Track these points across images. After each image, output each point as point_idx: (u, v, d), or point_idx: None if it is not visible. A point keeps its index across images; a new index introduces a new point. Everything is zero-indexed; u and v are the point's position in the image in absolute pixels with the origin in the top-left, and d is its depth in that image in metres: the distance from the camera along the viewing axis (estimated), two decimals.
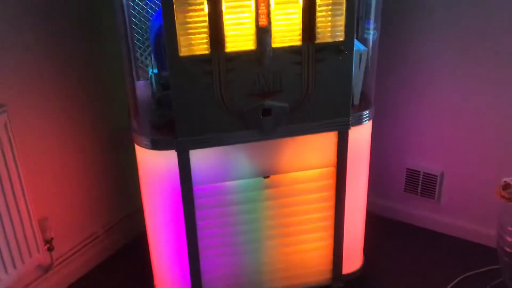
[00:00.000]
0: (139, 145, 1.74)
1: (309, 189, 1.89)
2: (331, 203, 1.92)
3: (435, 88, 2.27)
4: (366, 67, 1.85)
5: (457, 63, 2.19)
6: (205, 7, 1.51)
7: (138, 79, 2.01)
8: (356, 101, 1.86)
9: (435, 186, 2.41)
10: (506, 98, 2.14)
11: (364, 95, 1.89)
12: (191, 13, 1.52)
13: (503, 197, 1.92)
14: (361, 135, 1.89)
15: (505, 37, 2.06)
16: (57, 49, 1.98)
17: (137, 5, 1.93)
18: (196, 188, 1.76)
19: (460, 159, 2.33)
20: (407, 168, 2.46)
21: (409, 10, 2.19)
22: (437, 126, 2.33)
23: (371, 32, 1.87)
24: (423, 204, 2.48)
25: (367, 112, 1.85)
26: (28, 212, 1.88)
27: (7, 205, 1.80)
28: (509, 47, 2.06)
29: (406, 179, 2.48)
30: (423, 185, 2.44)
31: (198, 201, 1.79)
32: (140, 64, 2.03)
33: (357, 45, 1.82)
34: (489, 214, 2.25)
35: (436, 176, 2.39)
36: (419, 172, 2.43)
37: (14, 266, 1.87)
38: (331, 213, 1.94)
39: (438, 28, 2.17)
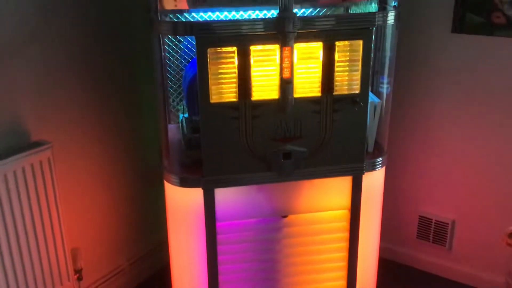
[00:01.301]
0: (169, 182, 1.89)
1: (325, 230, 1.99)
2: (345, 244, 2.02)
3: (446, 140, 2.39)
4: (380, 117, 1.97)
5: (466, 116, 2.31)
6: (235, 60, 1.69)
7: (169, 123, 2.18)
8: (370, 148, 1.99)
9: (447, 234, 2.49)
10: None
11: (377, 144, 2.02)
12: (223, 65, 1.69)
13: (509, 244, 2.00)
14: (374, 181, 2.00)
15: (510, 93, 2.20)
16: (98, 95, 2.18)
17: (172, 56, 2.12)
18: (219, 224, 1.89)
19: (471, 208, 2.42)
20: (420, 215, 2.55)
21: (420, 66, 2.36)
22: (448, 176, 2.44)
23: (385, 86, 2.01)
24: (435, 251, 2.56)
25: (380, 159, 1.97)
26: (63, 242, 2.01)
27: (44, 234, 1.94)
28: None
29: (418, 226, 2.57)
30: (435, 232, 2.53)
31: (220, 237, 1.90)
32: (171, 109, 2.21)
33: (372, 98, 1.96)
34: (499, 262, 2.32)
35: (448, 224, 2.48)
36: (431, 219, 2.52)
37: None
38: (345, 254, 2.03)
39: (447, 83, 2.32)
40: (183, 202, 1.90)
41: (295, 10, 1.68)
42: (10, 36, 1.82)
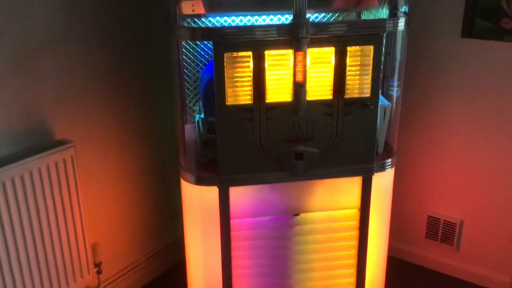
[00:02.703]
0: (185, 180, 1.96)
1: (335, 228, 2.05)
2: (355, 242, 2.07)
3: (455, 141, 2.44)
4: (390, 120, 2.02)
5: (475, 118, 2.36)
6: (251, 64, 1.75)
7: (186, 123, 2.26)
8: (380, 150, 2.04)
9: (455, 234, 2.54)
10: None
11: (387, 145, 2.07)
12: (239, 69, 1.75)
13: None
14: (384, 181, 2.06)
15: None
16: (118, 96, 2.26)
17: (189, 58, 2.20)
18: (233, 221, 1.95)
19: (478, 208, 2.46)
20: (428, 216, 2.60)
21: (430, 69, 2.41)
22: (456, 176, 2.48)
23: (395, 89, 2.07)
24: (443, 250, 2.60)
25: (389, 160, 2.02)
26: (84, 237, 2.10)
27: (67, 229, 2.03)
28: None
29: (427, 225, 2.62)
30: (443, 232, 2.58)
31: (234, 234, 1.97)
32: (188, 110, 2.29)
33: (382, 101, 2.01)
34: (506, 262, 2.37)
35: (456, 224, 2.53)
36: (440, 219, 2.57)
37: (67, 285, 2.07)
38: (354, 252, 2.08)
39: (457, 86, 2.36)
40: (198, 200, 1.97)
41: (308, 15, 1.75)
42: (37, 40, 1.91)
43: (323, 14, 2.21)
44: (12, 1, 1.79)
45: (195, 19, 2.10)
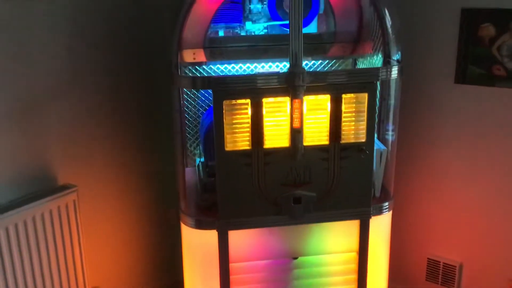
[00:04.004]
0: (185, 224, 1.99)
1: (334, 271, 2.06)
2: (354, 286, 2.08)
3: (452, 183, 2.46)
4: (386, 163, 2.07)
5: (471, 161, 2.39)
6: (249, 111, 1.81)
7: (187, 166, 2.30)
8: (377, 193, 2.07)
9: (455, 276, 2.54)
10: None
11: (384, 188, 2.10)
12: (237, 116, 1.81)
13: None
14: (381, 224, 2.08)
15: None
16: (120, 143, 2.33)
17: (190, 104, 2.27)
18: (232, 265, 1.97)
19: (478, 251, 2.46)
20: (428, 258, 2.60)
21: (426, 114, 2.47)
22: (455, 219, 2.49)
23: (391, 133, 2.12)
24: None
25: (386, 203, 2.05)
26: (84, 281, 2.12)
27: (67, 273, 2.05)
28: None
29: (427, 268, 2.62)
30: (444, 275, 2.57)
31: (233, 277, 1.99)
32: (188, 154, 2.33)
33: (378, 145, 2.06)
34: None
35: (455, 266, 2.53)
36: (439, 262, 2.57)
37: None
38: None
39: (452, 130, 2.41)
40: (198, 243, 2.00)
41: (305, 62, 1.80)
42: (42, 88, 1.99)
43: (320, 61, 2.29)
44: (17, 50, 1.87)
45: (196, 67, 2.18)
